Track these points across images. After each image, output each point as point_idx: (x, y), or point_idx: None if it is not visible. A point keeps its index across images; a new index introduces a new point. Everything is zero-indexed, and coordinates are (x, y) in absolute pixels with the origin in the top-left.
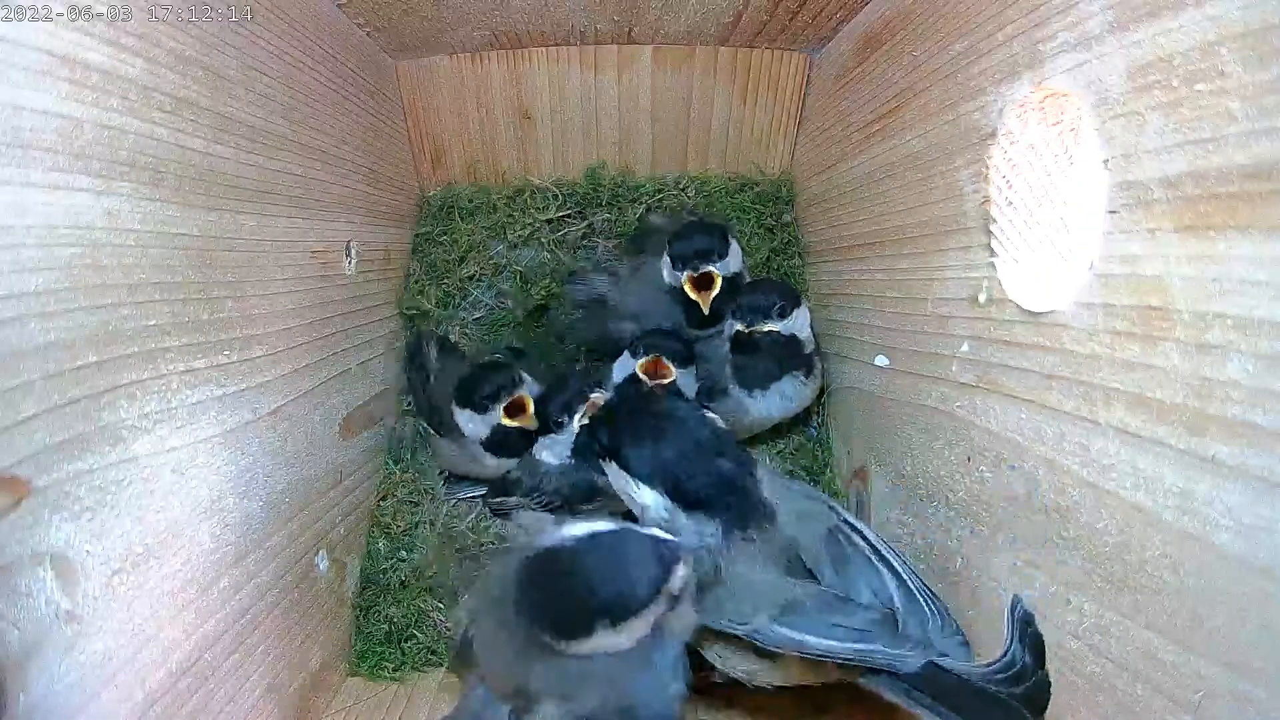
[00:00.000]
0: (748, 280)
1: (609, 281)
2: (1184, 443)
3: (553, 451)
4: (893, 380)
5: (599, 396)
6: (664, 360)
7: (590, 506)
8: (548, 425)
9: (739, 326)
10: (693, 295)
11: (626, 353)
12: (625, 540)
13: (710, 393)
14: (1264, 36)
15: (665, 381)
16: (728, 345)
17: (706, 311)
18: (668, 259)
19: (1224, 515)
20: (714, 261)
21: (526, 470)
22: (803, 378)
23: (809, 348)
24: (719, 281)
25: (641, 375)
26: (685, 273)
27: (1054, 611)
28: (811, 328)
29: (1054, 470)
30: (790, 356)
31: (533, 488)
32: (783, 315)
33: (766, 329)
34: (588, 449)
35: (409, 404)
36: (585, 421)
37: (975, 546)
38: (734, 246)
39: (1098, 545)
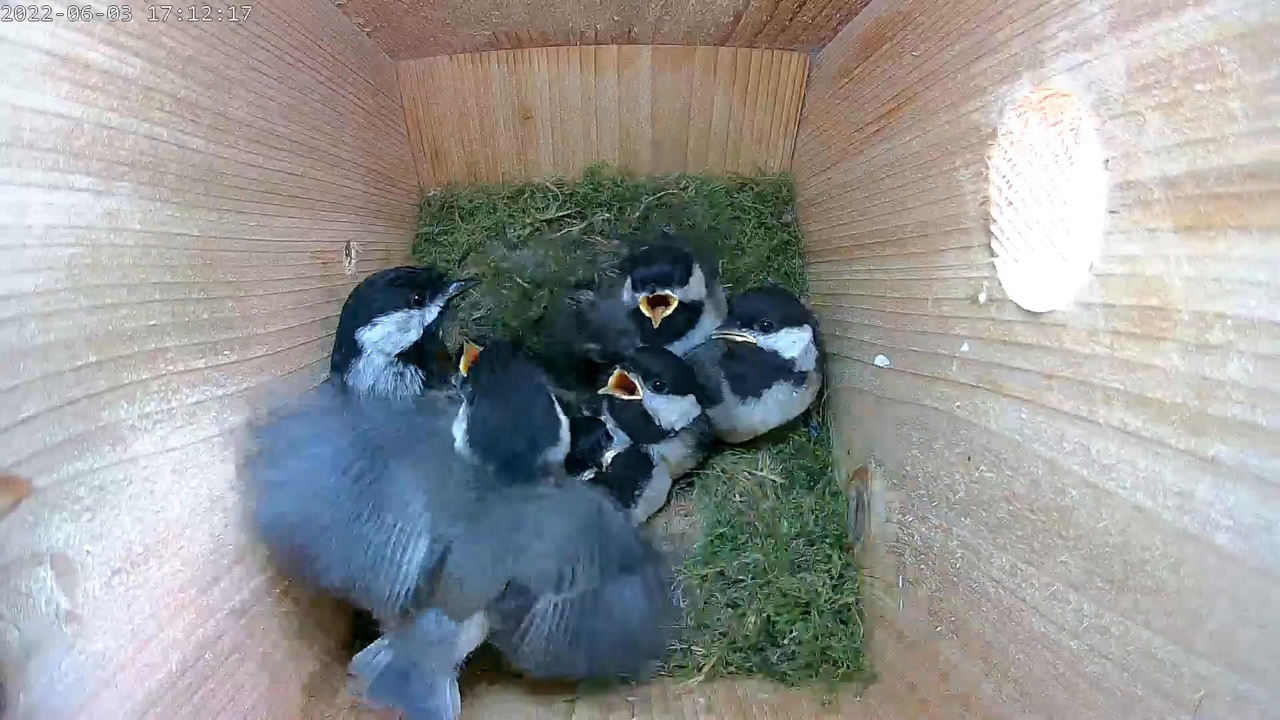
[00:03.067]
0: (710, 315)
1: (589, 296)
2: (1184, 443)
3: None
4: (893, 380)
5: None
6: (629, 375)
7: None
8: None
9: (734, 336)
10: (646, 312)
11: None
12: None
13: (705, 400)
14: (1264, 36)
15: (630, 399)
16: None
17: (656, 325)
18: (629, 281)
19: (1224, 515)
20: (672, 286)
21: None
22: (793, 387)
23: (801, 366)
24: (674, 303)
25: (610, 389)
26: (642, 294)
27: (1054, 611)
28: (818, 345)
29: (1054, 470)
30: (775, 369)
31: None
32: (766, 330)
33: (740, 339)
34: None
35: None
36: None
37: (975, 546)
38: (696, 275)
39: (1098, 545)
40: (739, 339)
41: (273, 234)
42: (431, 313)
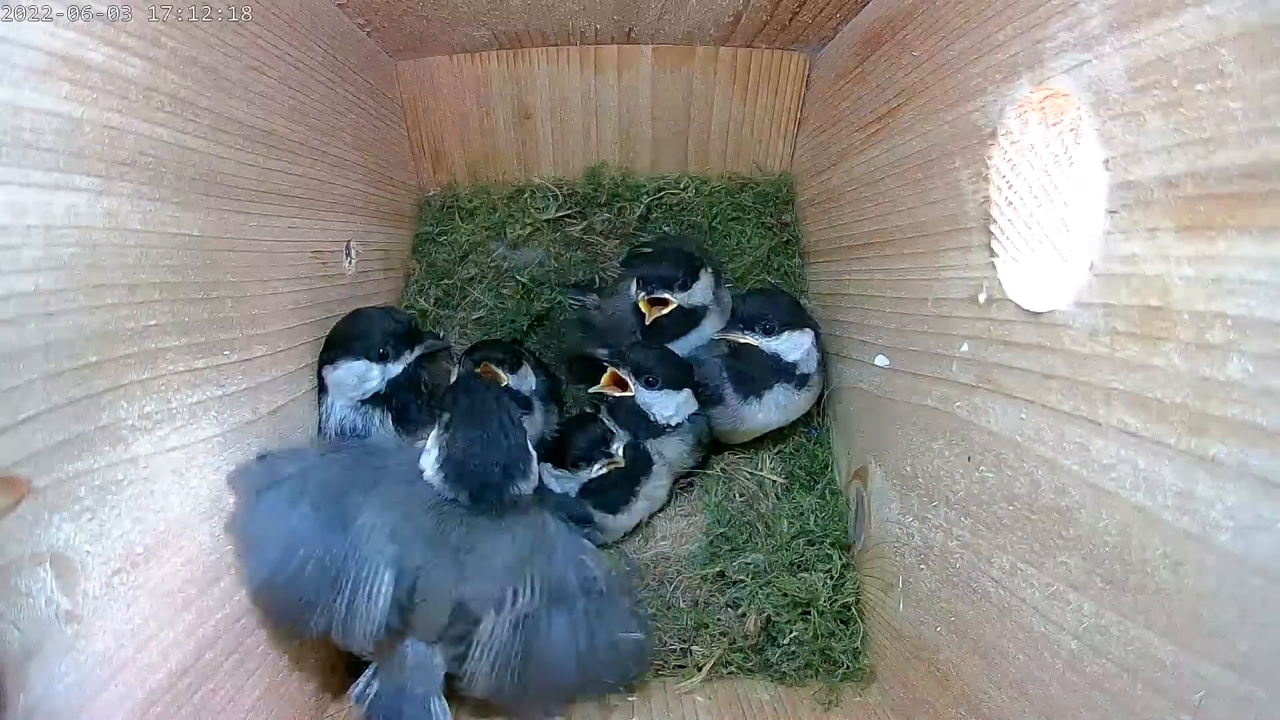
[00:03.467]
0: (713, 318)
1: (594, 300)
2: (1184, 443)
3: (559, 482)
4: (893, 380)
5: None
6: (619, 372)
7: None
8: (551, 459)
9: (738, 337)
10: (644, 309)
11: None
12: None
13: (707, 400)
14: (1264, 36)
15: (622, 395)
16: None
17: (648, 323)
18: (633, 278)
19: (1224, 515)
20: (672, 290)
21: None
22: (794, 389)
23: (803, 369)
24: (671, 306)
25: (602, 386)
26: (642, 294)
27: (1054, 611)
28: (820, 348)
29: (1054, 470)
30: (776, 371)
31: None
32: (768, 333)
33: (742, 341)
34: None
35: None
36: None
37: (975, 546)
38: (704, 281)
39: (1098, 545)
40: (740, 341)
41: (273, 234)
42: (396, 368)
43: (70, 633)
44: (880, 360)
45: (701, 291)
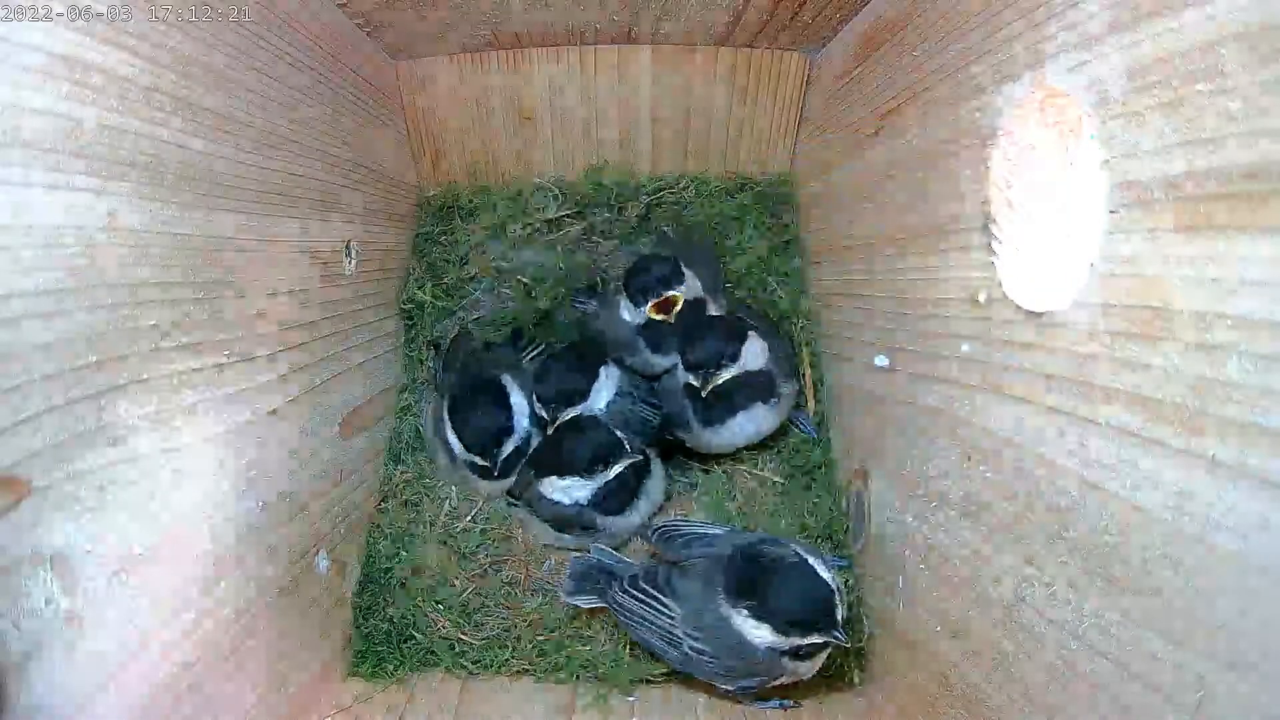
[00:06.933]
0: (711, 309)
1: (595, 305)
2: (1184, 443)
3: (565, 493)
4: (893, 380)
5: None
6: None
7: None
8: (559, 469)
9: (691, 379)
10: (657, 316)
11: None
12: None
13: (672, 424)
14: (1264, 36)
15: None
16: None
17: (672, 321)
18: (625, 299)
19: (1224, 515)
20: (673, 286)
21: (533, 497)
22: (763, 404)
23: (770, 370)
24: (680, 301)
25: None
26: (650, 302)
27: (1054, 611)
28: (773, 340)
29: (1054, 470)
30: (750, 389)
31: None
32: (734, 359)
33: (724, 378)
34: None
35: (408, 403)
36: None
37: (975, 546)
38: (689, 273)
39: (1098, 545)
40: (724, 378)
41: (273, 234)
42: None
43: (70, 633)
44: (880, 360)
45: (692, 284)
